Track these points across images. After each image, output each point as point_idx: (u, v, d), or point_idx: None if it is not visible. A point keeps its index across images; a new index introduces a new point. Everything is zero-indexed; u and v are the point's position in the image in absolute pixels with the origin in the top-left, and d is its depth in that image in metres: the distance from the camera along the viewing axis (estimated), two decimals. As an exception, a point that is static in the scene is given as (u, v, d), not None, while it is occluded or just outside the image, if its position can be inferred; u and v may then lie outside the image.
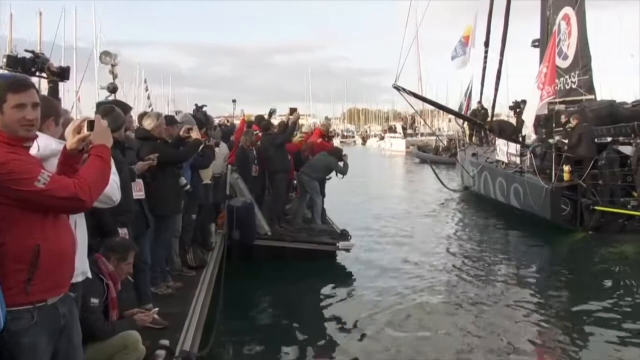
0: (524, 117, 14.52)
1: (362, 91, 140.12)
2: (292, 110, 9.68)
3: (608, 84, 29.95)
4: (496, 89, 20.05)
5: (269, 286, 8.15)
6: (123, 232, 4.19)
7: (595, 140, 12.54)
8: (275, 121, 11.96)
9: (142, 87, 40.23)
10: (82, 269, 2.79)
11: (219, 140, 8.10)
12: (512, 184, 13.33)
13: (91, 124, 2.41)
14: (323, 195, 10.43)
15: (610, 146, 12.46)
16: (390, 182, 25.06)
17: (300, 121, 12.21)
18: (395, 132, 55.18)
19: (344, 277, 8.72)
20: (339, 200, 15.04)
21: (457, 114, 20.87)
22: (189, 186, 6.14)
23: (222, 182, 8.71)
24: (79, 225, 2.70)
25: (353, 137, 79.61)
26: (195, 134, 6.00)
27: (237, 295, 7.36)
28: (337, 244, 9.13)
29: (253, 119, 11.67)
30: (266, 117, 11.17)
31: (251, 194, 9.10)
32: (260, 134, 9.71)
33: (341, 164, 10.12)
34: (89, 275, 2.96)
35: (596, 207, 11.52)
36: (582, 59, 15.02)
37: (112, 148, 2.52)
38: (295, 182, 11.04)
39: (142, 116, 6.06)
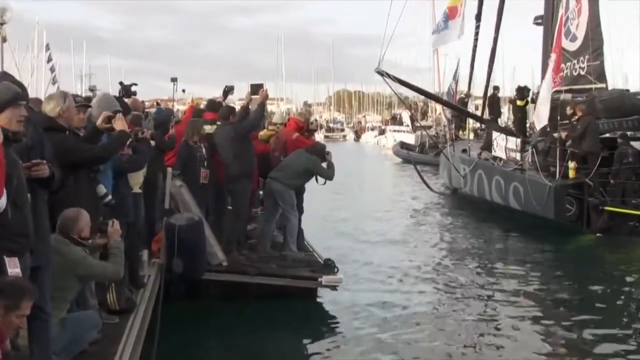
0: (534, 114, 15.85)
1: (354, 67, 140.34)
2: (256, 88, 9.47)
3: (623, 72, 32.34)
4: (489, 73, 21.06)
5: (222, 337, 8.14)
6: (12, 263, 4.02)
7: (602, 134, 14.68)
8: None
9: (42, 56, 39.68)
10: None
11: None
12: (512, 182, 15.30)
13: None
14: (300, 211, 10.34)
15: (629, 142, 14.45)
16: (391, 191, 25.23)
17: (269, 107, 12.12)
18: (400, 123, 55.54)
19: (327, 324, 8.76)
20: (322, 217, 15.08)
21: (450, 105, 22.21)
22: (110, 197, 6.02)
23: (160, 192, 8.60)
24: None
25: (342, 130, 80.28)
26: (120, 124, 5.89)
27: (178, 350, 7.30)
28: (319, 279, 9.11)
29: (204, 106, 11.58)
30: (220, 99, 11.05)
31: (200, 209, 9.05)
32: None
33: (325, 165, 10.04)
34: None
35: (606, 208, 13.54)
36: (593, 42, 16.58)
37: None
38: (261, 192, 10.94)
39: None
